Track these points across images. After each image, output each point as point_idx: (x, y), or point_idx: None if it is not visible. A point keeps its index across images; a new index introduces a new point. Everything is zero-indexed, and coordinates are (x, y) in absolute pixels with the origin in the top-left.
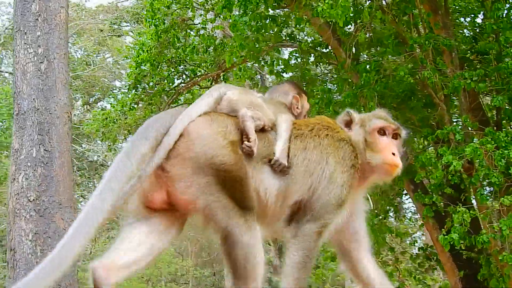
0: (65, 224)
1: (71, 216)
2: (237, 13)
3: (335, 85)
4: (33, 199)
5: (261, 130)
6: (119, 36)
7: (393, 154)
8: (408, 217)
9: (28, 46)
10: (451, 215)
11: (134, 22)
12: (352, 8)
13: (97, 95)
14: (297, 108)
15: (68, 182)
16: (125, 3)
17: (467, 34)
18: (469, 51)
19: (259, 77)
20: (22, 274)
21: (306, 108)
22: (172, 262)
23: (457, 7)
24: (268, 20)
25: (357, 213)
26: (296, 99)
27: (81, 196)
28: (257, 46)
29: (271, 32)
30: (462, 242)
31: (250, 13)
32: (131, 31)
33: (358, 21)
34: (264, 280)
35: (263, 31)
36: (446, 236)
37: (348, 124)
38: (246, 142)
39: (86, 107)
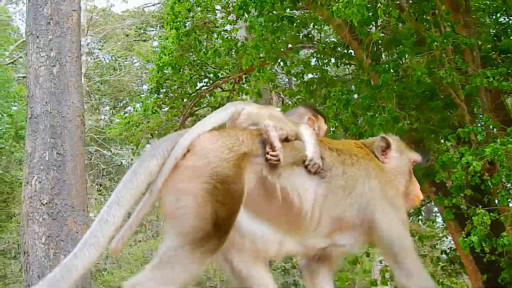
0: (77, 227)
1: (84, 219)
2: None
3: (355, 86)
4: (46, 202)
5: (285, 140)
6: (144, 40)
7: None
8: (437, 220)
9: (40, 50)
10: (471, 217)
11: (160, 27)
12: (368, 7)
13: (125, 99)
14: (314, 129)
15: (80, 185)
16: (151, 7)
17: (490, 33)
18: (491, 50)
19: (287, 79)
20: (35, 277)
21: (323, 130)
22: None
23: (481, 5)
24: (284, 20)
25: None
26: (312, 120)
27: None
28: (274, 47)
29: (290, 33)
30: (484, 245)
31: (267, 13)
32: (156, 36)
33: (379, 19)
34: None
35: (279, 32)
36: (465, 239)
37: (384, 150)
38: (271, 152)
39: (112, 112)
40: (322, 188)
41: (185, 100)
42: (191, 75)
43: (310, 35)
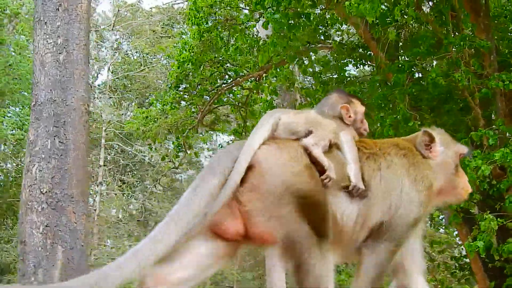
0: (76, 218)
1: (83, 210)
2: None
3: (369, 86)
4: (46, 191)
5: (329, 147)
6: (170, 37)
7: None
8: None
9: (47, 37)
10: (478, 223)
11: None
12: (387, 7)
13: (152, 96)
14: (349, 116)
15: (82, 176)
16: (180, 4)
17: (509, 37)
18: (509, 55)
19: (313, 80)
20: (31, 267)
21: (361, 112)
22: None
23: (504, 11)
24: (302, 18)
25: (417, 231)
26: (345, 108)
27: (132, 195)
28: (291, 44)
29: (308, 31)
30: (492, 251)
31: (284, 9)
32: (179, 32)
33: (396, 19)
34: None
35: (295, 29)
36: (471, 243)
37: (428, 144)
38: (323, 176)
39: (136, 108)
40: (364, 207)
41: (204, 96)
42: (212, 72)
43: (327, 34)
